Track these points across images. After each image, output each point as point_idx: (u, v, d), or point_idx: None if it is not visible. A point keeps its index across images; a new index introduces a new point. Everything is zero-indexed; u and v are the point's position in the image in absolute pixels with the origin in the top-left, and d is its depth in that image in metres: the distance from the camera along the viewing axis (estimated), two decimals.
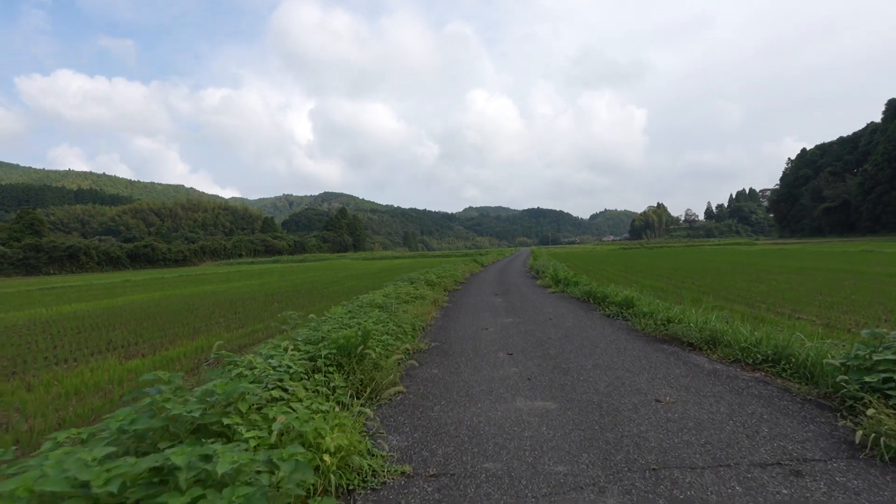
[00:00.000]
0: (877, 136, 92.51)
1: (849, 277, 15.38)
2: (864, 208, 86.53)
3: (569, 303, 11.08)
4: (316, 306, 13.90)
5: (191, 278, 41.20)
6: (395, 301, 8.73)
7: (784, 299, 10.76)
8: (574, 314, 9.26)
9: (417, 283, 13.35)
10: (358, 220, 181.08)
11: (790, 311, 9.30)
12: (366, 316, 6.47)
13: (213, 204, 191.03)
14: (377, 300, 8.49)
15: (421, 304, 9.71)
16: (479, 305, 11.22)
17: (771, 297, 11.36)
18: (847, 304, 9.79)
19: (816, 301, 10.39)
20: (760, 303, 10.41)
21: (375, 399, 4.34)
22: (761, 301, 10.66)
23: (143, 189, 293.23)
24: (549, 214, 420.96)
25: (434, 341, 7.11)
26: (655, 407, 3.95)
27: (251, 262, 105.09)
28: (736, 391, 4.27)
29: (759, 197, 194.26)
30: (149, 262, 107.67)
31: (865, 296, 10.79)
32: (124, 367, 7.35)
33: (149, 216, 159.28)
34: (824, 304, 9.89)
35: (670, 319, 6.99)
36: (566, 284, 13.47)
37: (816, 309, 9.46)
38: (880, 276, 15.65)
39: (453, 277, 18.44)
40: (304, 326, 5.46)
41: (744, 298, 11.13)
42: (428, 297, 11.08)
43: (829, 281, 14.48)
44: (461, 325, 8.45)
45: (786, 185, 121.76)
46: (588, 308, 10.03)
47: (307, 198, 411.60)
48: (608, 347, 6.22)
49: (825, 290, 12.30)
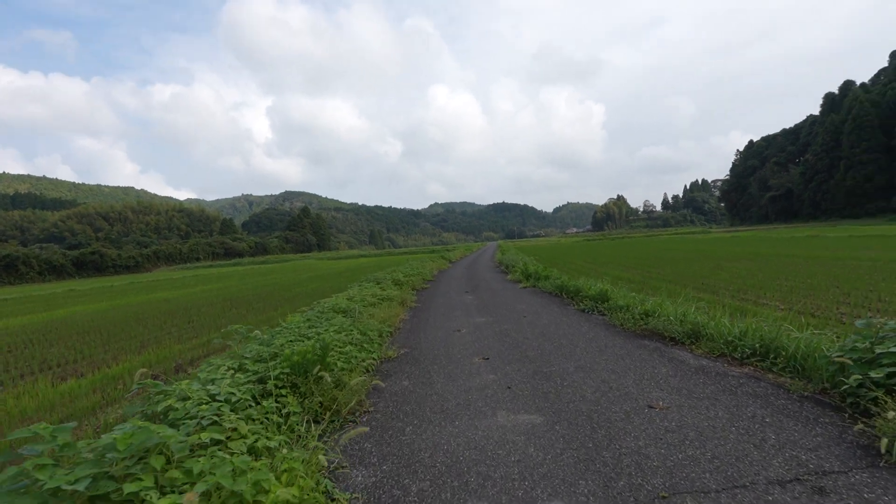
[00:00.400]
0: (816, 127, 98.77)
1: (801, 262, 15.92)
2: (806, 196, 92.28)
3: (541, 298, 10.79)
4: (278, 310, 13.08)
5: (143, 285, 38.82)
6: (359, 305, 8.13)
7: (746, 286, 10.89)
8: (548, 310, 8.95)
9: (384, 283, 12.74)
10: (322, 219, 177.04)
11: (754, 298, 9.36)
12: (327, 324, 5.86)
13: (167, 206, 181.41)
14: (340, 304, 7.86)
15: (388, 307, 9.14)
16: (450, 304, 10.76)
17: (733, 283, 11.51)
18: (805, 289, 9.97)
19: (776, 286, 10.55)
20: (724, 290, 10.48)
21: (338, 423, 3.78)
22: (724, 288, 10.76)
23: (89, 192, 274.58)
24: (514, 209, 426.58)
25: (404, 347, 6.57)
26: (649, 415, 3.59)
27: (209, 266, 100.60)
28: (729, 391, 3.99)
29: (710, 187, 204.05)
30: (97, 269, 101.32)
31: (820, 280, 11.06)
32: (57, 391, 6.48)
33: (96, 221, 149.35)
34: (784, 289, 10.04)
35: (648, 313, 6.76)
36: (537, 279, 13.23)
37: (778, 294, 9.58)
38: (829, 259, 16.34)
39: (421, 275, 17.92)
40: (255, 340, 4.80)
41: (708, 286, 11.20)
42: (395, 298, 10.52)
43: (783, 266, 14.94)
44: (432, 327, 7.95)
45: (735, 175, 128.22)
46: (562, 303, 9.76)
47: (268, 197, 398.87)
48: (588, 346, 5.89)
49: (782, 275, 12.61)
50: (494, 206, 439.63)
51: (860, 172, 78.14)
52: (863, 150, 77.77)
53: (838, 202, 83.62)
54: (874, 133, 76.49)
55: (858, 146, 78.39)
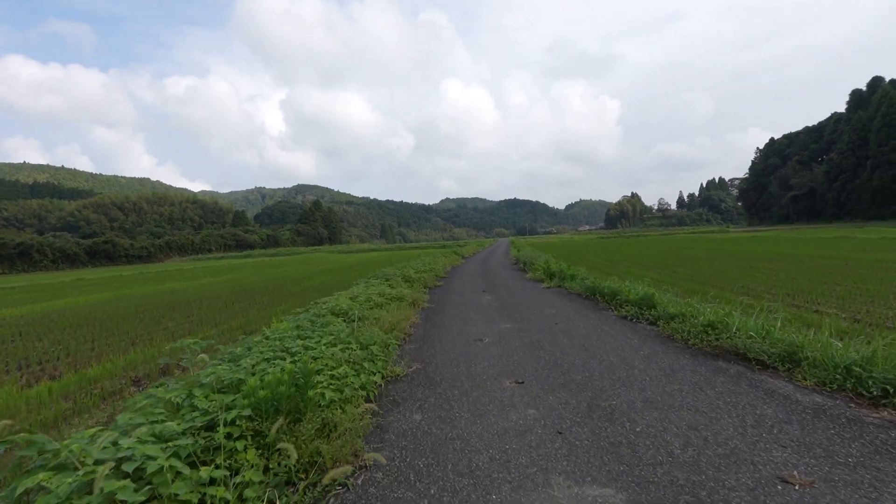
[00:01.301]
0: (841, 125, 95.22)
1: (839, 264, 14.59)
2: (830, 196, 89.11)
3: (570, 301, 9.52)
4: (282, 305, 12.19)
5: (151, 275, 38.52)
6: (361, 307, 6.98)
7: (793, 290, 9.61)
8: (582, 316, 7.68)
9: (393, 279, 11.59)
10: (333, 213, 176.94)
11: (803, 303, 8.12)
12: (320, 332, 4.71)
13: (181, 197, 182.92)
14: (341, 305, 6.72)
15: (397, 308, 7.97)
16: (467, 306, 9.55)
17: (774, 286, 10.26)
18: (862, 294, 8.75)
19: (826, 291, 9.34)
20: (766, 294, 9.22)
21: (318, 489, 2.61)
22: (766, 292, 9.50)
23: (106, 182, 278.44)
24: (526, 205, 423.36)
25: (415, 361, 5.39)
26: (788, 496, 2.37)
27: (221, 258, 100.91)
28: (885, 452, 2.75)
29: (728, 186, 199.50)
30: (109, 258, 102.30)
31: (874, 285, 9.80)
32: (23, 396, 5.61)
33: (111, 211, 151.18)
34: (838, 295, 8.82)
35: (712, 324, 5.50)
36: (562, 278, 11.96)
37: (833, 300, 8.36)
38: (870, 262, 14.95)
39: (434, 272, 16.76)
40: (222, 358, 3.66)
41: (748, 290, 9.98)
42: (406, 297, 9.36)
43: (821, 268, 13.62)
44: (448, 336, 6.75)
45: (755, 174, 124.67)
46: (596, 307, 8.48)
47: (280, 190, 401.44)
48: (648, 367, 4.64)
49: (826, 278, 11.34)
50: (506, 203, 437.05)
51: (888, 172, 75.03)
52: (891, 148, 74.62)
53: (864, 202, 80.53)
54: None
55: (887, 144, 75.21)
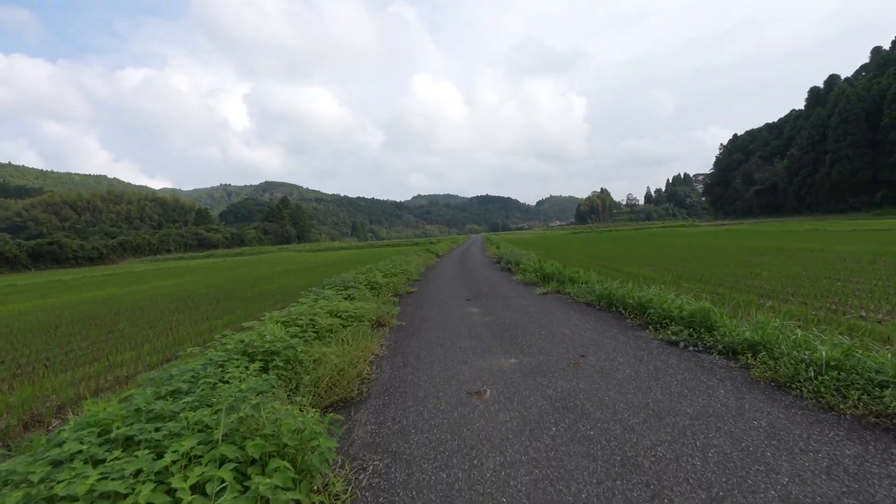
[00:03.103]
0: (801, 122, 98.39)
1: (830, 258, 13.42)
2: (791, 190, 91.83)
3: (582, 313, 7.37)
4: (223, 319, 9.85)
5: (96, 280, 34.88)
6: (303, 335, 4.63)
7: (816, 290, 7.95)
8: (613, 341, 5.51)
9: (354, 288, 9.21)
10: (302, 210, 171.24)
11: (829, 305, 6.57)
12: (185, 419, 2.39)
13: (139, 195, 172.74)
14: (267, 336, 4.37)
15: (354, 335, 5.65)
16: (450, 324, 7.23)
17: (788, 286, 8.64)
18: (882, 293, 7.22)
19: (839, 290, 7.83)
20: (792, 297, 7.49)
21: None
22: (792, 294, 7.77)
23: (58, 180, 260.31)
24: (498, 201, 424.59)
25: (371, 452, 3.11)
26: None
27: (180, 258, 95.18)
28: None
29: (692, 181, 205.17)
30: (56, 261, 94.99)
31: (882, 281, 8.44)
32: None
33: (63, 210, 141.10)
34: (855, 294, 7.33)
35: (837, 365, 3.52)
36: (560, 281, 9.87)
37: (860, 300, 6.81)
38: (869, 255, 13.83)
39: (406, 274, 14.44)
40: None
41: (767, 291, 8.30)
42: (368, 315, 7.03)
43: (816, 263, 12.33)
44: (426, 384, 4.44)
45: (719, 169, 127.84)
46: (621, 324, 6.37)
47: (247, 188, 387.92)
48: (788, 461, 2.56)
49: (830, 273, 10.05)
50: (478, 199, 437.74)
51: (846, 167, 77.67)
52: (848, 144, 77.25)
53: (823, 197, 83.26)
54: (860, 127, 75.96)
55: (844, 140, 77.83)
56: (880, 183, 74.10)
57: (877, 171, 74.62)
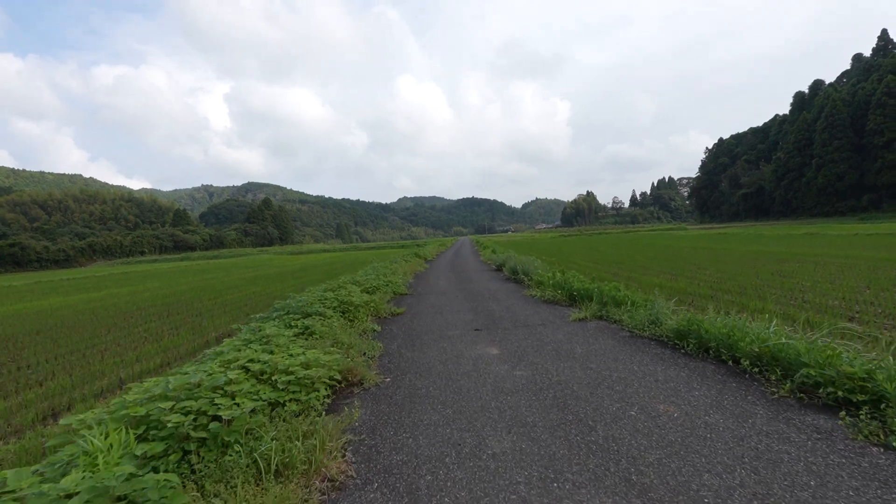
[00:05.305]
0: (786, 126, 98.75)
1: (864, 266, 11.85)
2: (777, 194, 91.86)
3: (664, 363, 4.66)
4: (164, 340, 7.27)
5: (49, 285, 31.60)
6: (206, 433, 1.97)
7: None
8: (786, 455, 3.02)
9: (319, 315, 6.52)
10: (284, 212, 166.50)
11: None
12: None
13: (115, 195, 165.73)
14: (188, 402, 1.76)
15: (295, 428, 3.03)
16: (462, 389, 4.47)
17: (864, 303, 6.66)
18: None
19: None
20: (875, 318, 5.27)
21: None
22: (860, 312, 5.54)
23: (31, 179, 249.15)
24: (484, 204, 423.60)
25: None
26: None
27: (153, 261, 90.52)
28: None
29: (676, 185, 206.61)
30: (17, 264, 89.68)
31: None
32: None
33: (32, 210, 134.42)
34: None
35: None
36: (602, 304, 7.32)
37: None
38: (890, 261, 12.54)
39: (391, 287, 11.76)
40: None
41: (821, 306, 6.54)
42: (325, 374, 4.40)
43: (859, 272, 10.57)
44: None
45: (705, 172, 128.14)
46: (753, 392, 3.83)
47: (229, 188, 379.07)
48: None
49: (865, 282, 8.61)
50: (464, 201, 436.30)
51: (832, 171, 77.75)
52: (834, 148, 77.30)
53: (809, 201, 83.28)
54: (846, 132, 76.08)
55: (830, 144, 77.89)
56: (866, 187, 74.22)
57: (862, 176, 74.76)
